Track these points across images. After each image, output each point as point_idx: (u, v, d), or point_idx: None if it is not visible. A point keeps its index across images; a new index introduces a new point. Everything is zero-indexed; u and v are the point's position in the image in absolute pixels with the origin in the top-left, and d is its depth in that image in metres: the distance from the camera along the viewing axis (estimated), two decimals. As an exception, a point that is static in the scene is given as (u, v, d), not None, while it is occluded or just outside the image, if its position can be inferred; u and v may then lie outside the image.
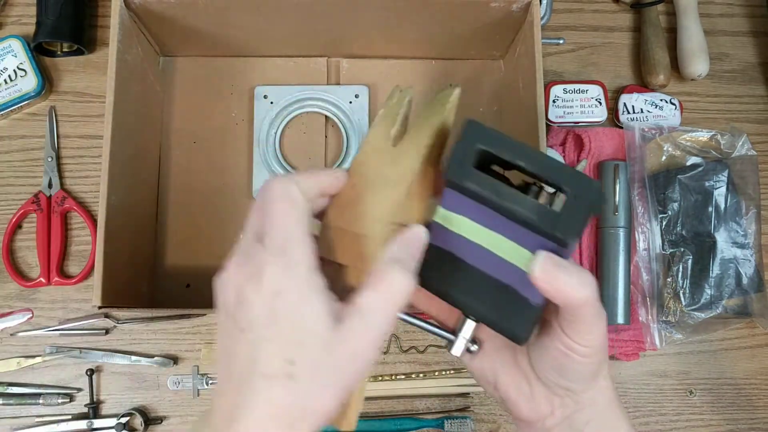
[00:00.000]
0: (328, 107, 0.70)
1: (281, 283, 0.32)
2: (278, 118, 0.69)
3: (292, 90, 0.70)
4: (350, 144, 0.70)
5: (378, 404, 0.68)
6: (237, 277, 0.34)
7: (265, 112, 0.69)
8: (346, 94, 0.70)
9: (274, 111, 0.69)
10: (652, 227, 0.69)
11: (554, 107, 0.73)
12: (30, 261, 0.69)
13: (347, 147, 0.69)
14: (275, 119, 0.69)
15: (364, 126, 0.70)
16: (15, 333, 0.67)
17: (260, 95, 0.70)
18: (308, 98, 0.70)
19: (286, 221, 0.34)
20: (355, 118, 0.70)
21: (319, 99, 0.70)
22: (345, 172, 0.38)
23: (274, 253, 0.33)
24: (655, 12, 0.76)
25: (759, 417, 0.71)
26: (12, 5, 0.74)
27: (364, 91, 0.70)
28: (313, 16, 0.63)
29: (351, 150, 0.69)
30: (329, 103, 0.70)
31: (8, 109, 0.70)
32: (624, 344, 0.69)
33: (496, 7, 0.61)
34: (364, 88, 0.70)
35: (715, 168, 0.70)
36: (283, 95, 0.69)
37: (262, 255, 0.33)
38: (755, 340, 0.72)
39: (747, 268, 0.69)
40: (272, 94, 0.70)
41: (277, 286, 0.32)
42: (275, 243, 0.33)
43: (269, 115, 0.69)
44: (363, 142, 0.40)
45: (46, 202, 0.69)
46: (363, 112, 0.70)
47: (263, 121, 0.69)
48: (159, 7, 0.60)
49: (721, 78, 0.78)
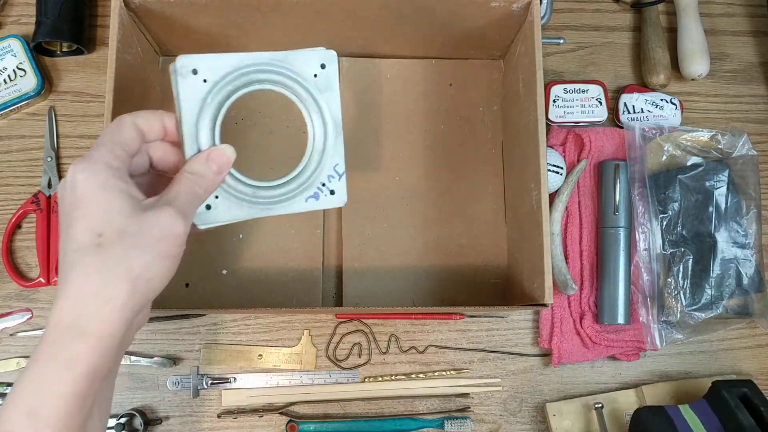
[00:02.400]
0: (283, 82, 0.49)
1: (78, 176, 0.39)
2: (214, 103, 0.47)
3: (231, 60, 0.47)
4: (321, 135, 0.50)
5: (378, 404, 0.68)
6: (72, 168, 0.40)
7: (196, 94, 0.46)
8: (308, 63, 0.50)
9: (210, 92, 0.47)
10: (653, 227, 0.69)
11: (554, 107, 0.72)
12: (29, 261, 0.69)
13: (314, 138, 0.50)
14: (210, 104, 0.47)
15: (335, 110, 0.50)
16: (15, 333, 0.67)
17: (185, 70, 0.46)
18: (256, 71, 0.48)
19: (104, 135, 0.42)
20: (324, 100, 0.50)
21: (270, 71, 0.49)
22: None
23: (82, 158, 0.40)
24: (655, 12, 0.76)
25: (759, 417, 0.71)
26: (11, 5, 0.74)
27: (330, 58, 0.50)
28: (313, 15, 0.63)
29: (320, 142, 0.50)
30: (285, 77, 0.49)
31: (7, 108, 0.69)
32: (624, 344, 0.69)
33: (497, 7, 0.61)
34: (330, 53, 0.50)
35: (716, 168, 0.70)
36: (221, 68, 0.47)
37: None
38: (756, 340, 0.72)
39: (747, 268, 0.69)
40: (204, 67, 0.46)
41: (76, 179, 0.39)
42: (89, 152, 0.41)
43: (200, 97, 0.46)
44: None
45: (46, 202, 0.69)
46: (333, 89, 0.50)
47: (192, 108, 0.46)
48: (159, 6, 0.60)
49: (722, 78, 0.78)
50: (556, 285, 0.67)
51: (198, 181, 0.43)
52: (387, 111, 0.72)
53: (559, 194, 0.70)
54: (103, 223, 0.38)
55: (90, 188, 0.39)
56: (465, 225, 0.70)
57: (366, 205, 0.69)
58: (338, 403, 0.68)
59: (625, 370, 0.70)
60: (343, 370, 0.69)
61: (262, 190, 0.48)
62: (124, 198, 0.39)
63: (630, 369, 0.70)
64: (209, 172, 0.44)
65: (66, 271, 0.38)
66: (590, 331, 0.68)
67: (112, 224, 0.38)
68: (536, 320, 0.71)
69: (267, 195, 0.48)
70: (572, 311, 0.69)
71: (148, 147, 0.45)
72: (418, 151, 0.71)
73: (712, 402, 0.63)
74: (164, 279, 0.40)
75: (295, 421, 0.66)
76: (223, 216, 0.47)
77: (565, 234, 0.71)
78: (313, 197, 0.50)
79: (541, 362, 0.70)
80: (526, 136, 0.61)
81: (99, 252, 0.38)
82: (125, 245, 0.38)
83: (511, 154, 0.69)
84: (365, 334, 0.70)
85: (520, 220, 0.65)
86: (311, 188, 0.50)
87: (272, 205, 0.48)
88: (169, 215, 0.40)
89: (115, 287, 0.37)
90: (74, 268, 0.38)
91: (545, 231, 0.56)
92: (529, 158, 0.60)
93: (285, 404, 0.68)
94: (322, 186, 0.50)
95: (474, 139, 0.72)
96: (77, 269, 0.38)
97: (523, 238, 0.63)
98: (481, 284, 0.69)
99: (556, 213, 0.69)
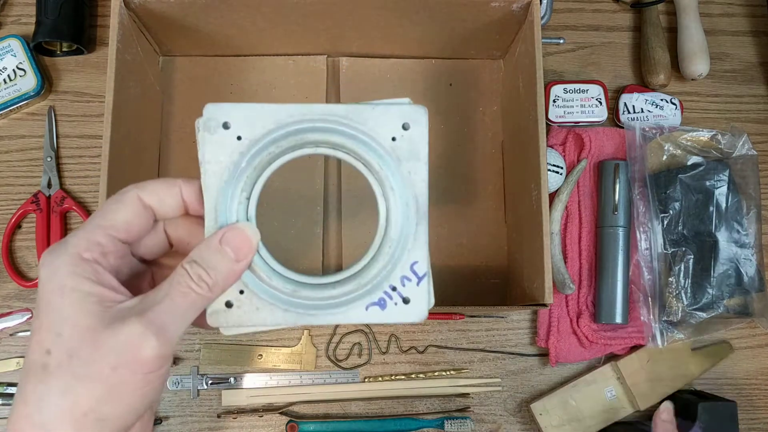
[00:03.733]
0: (348, 145, 0.35)
1: (41, 271, 0.31)
2: (251, 168, 0.35)
3: (276, 113, 0.34)
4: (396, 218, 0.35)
5: (378, 404, 0.68)
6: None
7: (226, 155, 0.34)
8: (384, 122, 0.36)
9: (246, 154, 0.34)
10: (654, 227, 0.69)
11: (554, 107, 0.72)
12: (29, 261, 0.69)
13: (388, 223, 0.36)
14: (244, 169, 0.34)
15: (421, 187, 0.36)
16: (14, 333, 0.67)
17: (214, 123, 0.34)
18: (310, 128, 0.35)
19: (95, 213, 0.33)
20: (405, 172, 0.36)
21: (329, 130, 0.35)
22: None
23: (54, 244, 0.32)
24: (655, 12, 0.76)
25: (759, 417, 0.71)
26: (11, 5, 0.74)
27: (417, 116, 0.36)
28: (312, 15, 0.63)
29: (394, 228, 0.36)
30: (350, 138, 0.35)
31: (7, 108, 0.69)
32: (621, 342, 0.69)
33: (497, 7, 0.61)
34: (418, 110, 0.36)
35: (716, 167, 0.70)
36: (263, 123, 0.34)
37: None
38: (756, 340, 0.72)
39: (748, 268, 0.69)
40: (239, 119, 0.34)
41: (39, 273, 0.31)
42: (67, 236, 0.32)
43: (231, 160, 0.34)
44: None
45: (46, 202, 0.69)
46: (419, 159, 0.36)
47: (219, 174, 0.34)
48: (158, 6, 0.60)
49: (722, 78, 0.78)
50: (554, 284, 0.67)
51: (201, 274, 0.32)
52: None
53: (559, 194, 0.70)
54: (53, 338, 0.30)
55: (48, 289, 0.31)
56: (465, 225, 0.70)
57: (366, 205, 0.69)
58: (338, 403, 0.68)
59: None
60: (343, 370, 0.69)
61: (306, 288, 0.35)
62: (83, 305, 0.30)
63: (630, 369, 0.70)
64: (223, 261, 0.32)
65: (18, 389, 0.31)
66: (587, 330, 0.68)
67: (62, 341, 0.30)
68: (534, 320, 0.71)
69: (312, 296, 0.35)
70: (570, 310, 0.69)
71: (167, 224, 0.35)
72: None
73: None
74: (126, 417, 0.31)
75: (295, 421, 0.66)
76: (248, 319, 0.34)
77: (564, 234, 0.71)
78: (377, 305, 0.35)
79: (540, 362, 0.70)
80: (526, 136, 0.61)
81: (43, 376, 0.30)
82: (72, 372, 0.29)
83: (511, 154, 0.69)
84: (365, 334, 0.70)
85: (520, 220, 0.65)
86: (376, 292, 0.35)
87: (317, 311, 0.35)
88: (133, 333, 0.29)
89: (54, 425, 0.29)
90: (19, 389, 0.31)
91: (545, 231, 0.56)
92: (529, 158, 0.60)
93: (285, 404, 0.68)
94: (392, 290, 0.36)
95: (474, 139, 0.72)
96: (19, 393, 0.30)
97: (523, 238, 0.63)
98: (481, 284, 0.69)
99: (555, 213, 0.69)
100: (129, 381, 0.30)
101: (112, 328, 0.30)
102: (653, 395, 0.68)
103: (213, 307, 0.34)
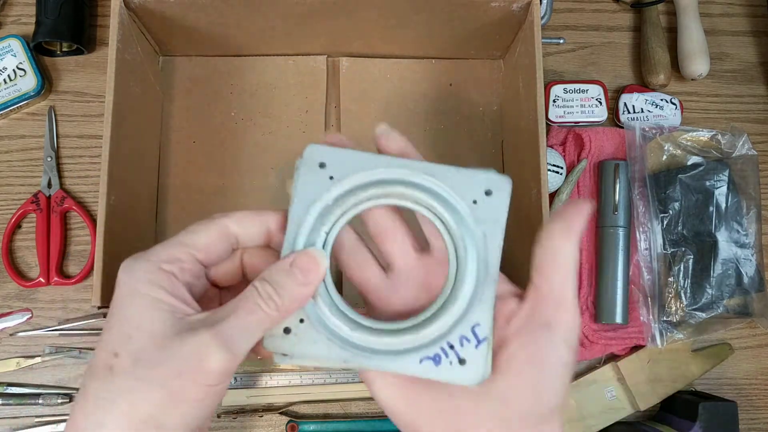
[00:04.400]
0: (427, 202, 0.37)
1: (120, 274, 0.32)
2: (336, 208, 0.36)
3: (370, 161, 0.36)
4: (463, 279, 0.36)
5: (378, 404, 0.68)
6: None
7: (315, 190, 0.36)
8: (468, 185, 0.37)
9: (333, 193, 0.36)
10: (653, 227, 0.69)
11: (554, 107, 0.72)
12: (29, 261, 0.69)
13: (457, 282, 0.36)
14: (331, 208, 0.36)
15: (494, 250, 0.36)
16: (14, 333, 0.67)
17: (313, 159, 0.36)
18: (399, 181, 0.37)
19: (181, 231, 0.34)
20: (480, 233, 0.36)
21: (416, 186, 0.37)
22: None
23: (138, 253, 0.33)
24: (655, 11, 0.76)
25: (760, 417, 0.71)
26: (11, 5, 0.74)
27: (502, 185, 0.37)
28: (312, 15, 0.63)
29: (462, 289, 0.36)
30: (432, 196, 0.37)
31: (7, 108, 0.69)
32: (621, 343, 0.69)
33: (497, 7, 0.61)
34: (503, 180, 0.37)
35: (716, 168, 0.70)
36: (353, 166, 0.36)
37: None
38: (756, 340, 0.72)
39: (748, 268, 0.69)
40: (335, 163, 0.36)
41: (118, 276, 0.32)
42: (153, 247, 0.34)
43: (322, 198, 0.36)
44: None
45: (46, 202, 0.69)
46: (496, 224, 0.36)
47: (305, 203, 0.36)
48: (158, 6, 0.60)
49: (722, 78, 0.77)
50: (556, 285, 0.67)
51: (270, 293, 0.32)
52: (387, 111, 0.72)
53: (559, 194, 0.70)
54: (121, 341, 0.31)
55: (123, 293, 0.32)
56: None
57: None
58: (338, 403, 0.68)
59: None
60: (344, 370, 0.69)
61: (365, 332, 0.35)
62: (156, 311, 0.31)
63: (630, 369, 0.70)
64: (291, 283, 0.33)
65: (81, 387, 0.32)
66: (587, 330, 0.68)
67: (131, 344, 0.30)
68: (536, 320, 0.70)
69: (370, 340, 0.35)
70: (572, 311, 0.69)
71: (245, 253, 0.36)
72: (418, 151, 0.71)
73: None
74: (184, 427, 0.31)
75: (295, 421, 0.66)
76: (304, 349, 0.34)
77: (565, 234, 0.71)
78: (431, 359, 0.35)
79: (541, 362, 0.70)
80: (526, 136, 0.61)
81: (106, 378, 0.30)
82: (135, 376, 0.30)
83: (511, 154, 0.69)
84: (365, 334, 0.70)
85: (520, 221, 0.65)
86: (432, 347, 0.35)
87: (370, 355, 0.35)
88: (202, 343, 0.30)
89: (112, 426, 0.30)
90: (83, 388, 0.31)
91: (545, 231, 0.56)
92: (529, 158, 0.60)
93: (285, 404, 0.68)
94: (450, 348, 0.35)
95: (474, 139, 0.72)
96: (82, 391, 0.31)
97: (523, 238, 0.63)
98: (481, 284, 0.69)
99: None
100: (190, 391, 0.30)
101: (180, 337, 0.30)
102: (653, 396, 0.68)
103: (272, 331, 0.34)
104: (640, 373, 0.68)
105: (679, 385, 0.68)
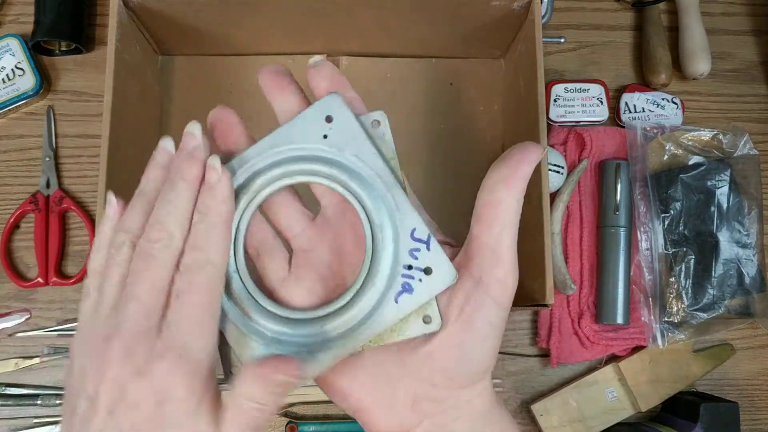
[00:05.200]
0: (294, 169, 0.35)
1: (172, 389, 0.28)
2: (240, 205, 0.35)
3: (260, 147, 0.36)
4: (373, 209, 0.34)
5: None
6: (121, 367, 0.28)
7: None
8: (307, 127, 0.35)
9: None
10: (655, 227, 0.69)
11: (555, 106, 0.72)
12: (28, 261, 0.69)
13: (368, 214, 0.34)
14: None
15: (373, 160, 0.34)
16: (13, 334, 0.67)
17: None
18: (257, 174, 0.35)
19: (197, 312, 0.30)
20: (352, 159, 0.34)
21: (271, 166, 0.35)
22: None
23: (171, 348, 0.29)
24: (656, 11, 0.76)
25: (761, 418, 0.71)
26: (10, 4, 0.74)
27: (333, 105, 0.35)
28: (312, 14, 0.63)
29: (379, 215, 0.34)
30: (299, 161, 0.35)
31: (6, 108, 0.69)
32: (623, 343, 0.69)
33: (497, 6, 0.61)
34: (332, 100, 0.36)
35: (717, 167, 0.70)
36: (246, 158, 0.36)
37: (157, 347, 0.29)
38: (757, 340, 0.72)
39: (749, 268, 0.69)
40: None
41: (168, 392, 0.28)
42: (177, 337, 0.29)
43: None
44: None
45: (44, 202, 0.68)
46: (357, 138, 0.35)
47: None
48: (157, 5, 0.60)
49: (723, 77, 0.77)
50: (555, 285, 0.67)
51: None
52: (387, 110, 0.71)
53: (560, 194, 0.69)
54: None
55: (181, 412, 0.29)
56: (465, 225, 0.70)
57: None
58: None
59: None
60: (343, 370, 0.69)
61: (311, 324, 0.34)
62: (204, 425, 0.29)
63: (631, 369, 0.70)
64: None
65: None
66: (588, 331, 0.68)
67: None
68: (535, 320, 0.70)
69: (337, 324, 0.33)
70: (571, 311, 0.69)
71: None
72: (418, 151, 0.71)
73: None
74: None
75: (295, 422, 0.66)
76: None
77: (565, 234, 0.70)
78: (404, 292, 0.33)
79: (541, 363, 0.70)
80: (526, 135, 0.61)
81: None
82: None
83: (511, 154, 0.69)
84: (365, 334, 0.69)
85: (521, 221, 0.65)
86: (395, 283, 0.33)
87: (352, 333, 0.33)
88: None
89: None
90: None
91: (546, 231, 0.56)
92: (529, 158, 0.60)
93: (285, 404, 0.67)
94: (408, 270, 0.33)
95: (474, 139, 0.72)
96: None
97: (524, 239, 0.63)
98: (481, 284, 0.69)
99: (556, 213, 0.69)
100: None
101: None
102: (655, 396, 0.68)
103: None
104: (642, 373, 0.68)
105: (681, 386, 0.68)
